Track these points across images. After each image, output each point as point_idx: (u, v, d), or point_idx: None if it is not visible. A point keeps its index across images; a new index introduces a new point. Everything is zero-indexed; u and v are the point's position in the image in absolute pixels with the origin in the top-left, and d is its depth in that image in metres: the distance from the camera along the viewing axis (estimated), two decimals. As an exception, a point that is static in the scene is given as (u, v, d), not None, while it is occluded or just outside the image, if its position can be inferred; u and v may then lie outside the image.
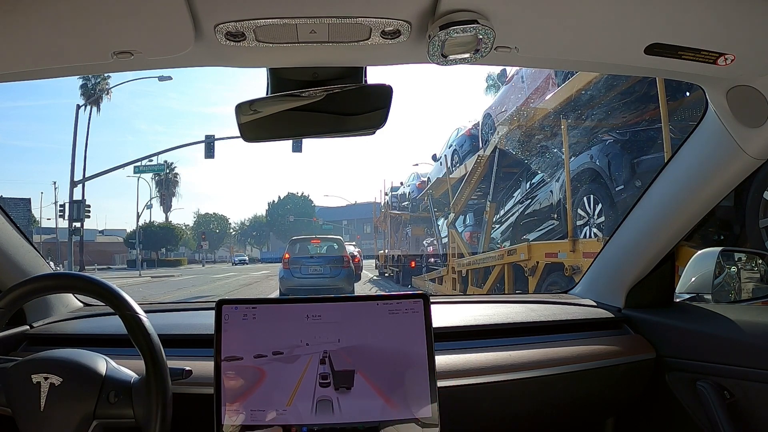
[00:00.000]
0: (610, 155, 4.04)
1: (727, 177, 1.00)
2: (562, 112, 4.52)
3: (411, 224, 11.91)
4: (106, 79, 27.07)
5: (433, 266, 8.97)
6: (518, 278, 4.91)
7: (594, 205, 4.16)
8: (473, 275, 6.22)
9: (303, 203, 47.35)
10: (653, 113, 3.67)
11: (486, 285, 5.56)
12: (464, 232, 7.83)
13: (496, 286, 5.38)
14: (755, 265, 1.43)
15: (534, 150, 5.39)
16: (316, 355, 0.91)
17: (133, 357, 0.82)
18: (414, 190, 11.63)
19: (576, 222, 4.30)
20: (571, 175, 4.36)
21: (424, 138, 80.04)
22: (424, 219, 10.67)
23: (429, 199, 9.56)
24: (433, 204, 9.34)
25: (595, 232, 4.09)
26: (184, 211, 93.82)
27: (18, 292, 0.81)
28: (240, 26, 0.65)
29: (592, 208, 4.19)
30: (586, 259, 3.77)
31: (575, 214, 4.30)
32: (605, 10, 0.67)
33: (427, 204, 9.78)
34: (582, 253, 3.90)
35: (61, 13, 0.62)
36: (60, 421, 0.77)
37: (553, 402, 1.10)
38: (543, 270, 4.43)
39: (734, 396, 1.00)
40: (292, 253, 9.30)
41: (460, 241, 7.31)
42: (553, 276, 4.35)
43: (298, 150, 14.83)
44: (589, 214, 4.23)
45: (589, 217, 4.21)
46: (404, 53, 0.75)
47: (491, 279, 5.43)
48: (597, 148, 4.27)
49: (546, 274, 4.42)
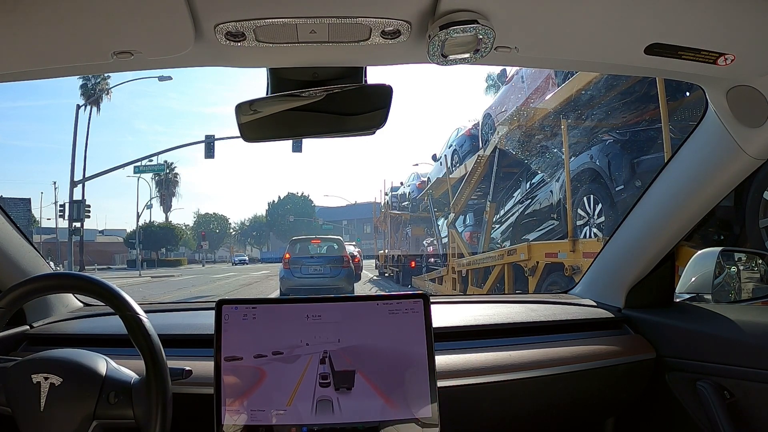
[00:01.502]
0: (610, 155, 4.06)
1: (727, 177, 1.00)
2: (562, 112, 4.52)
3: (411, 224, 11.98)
4: (106, 79, 27.08)
5: (433, 266, 9.01)
6: (518, 278, 4.92)
7: (594, 205, 4.18)
8: (473, 275, 6.25)
9: (303, 203, 47.35)
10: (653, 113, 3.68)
11: (486, 285, 5.58)
12: (464, 232, 7.86)
13: (496, 286, 5.38)
14: (755, 265, 1.43)
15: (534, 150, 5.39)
16: (316, 355, 0.91)
17: (133, 357, 0.81)
18: (414, 190, 11.68)
19: (576, 222, 4.31)
20: (571, 175, 4.37)
21: (424, 138, 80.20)
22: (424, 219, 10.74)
23: (429, 199, 9.59)
24: (433, 204, 9.37)
25: (595, 232, 4.10)
26: (184, 211, 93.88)
27: (18, 292, 0.81)
28: (240, 26, 0.65)
29: (592, 208, 4.21)
30: (586, 259, 3.77)
31: (575, 214, 4.31)
32: (605, 10, 0.67)
33: (427, 204, 9.81)
34: (582, 253, 3.91)
35: (61, 13, 0.62)
36: (60, 421, 0.77)
37: (553, 402, 1.10)
38: (543, 270, 4.45)
39: (734, 396, 1.00)
40: (292, 253, 9.33)
41: (460, 241, 7.34)
42: (553, 276, 4.37)
43: (298, 150, 14.85)
44: (589, 214, 4.25)
45: (589, 217, 4.22)
46: (404, 53, 0.75)
47: (491, 279, 5.45)
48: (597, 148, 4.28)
49: (546, 274, 4.44)
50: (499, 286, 5.29)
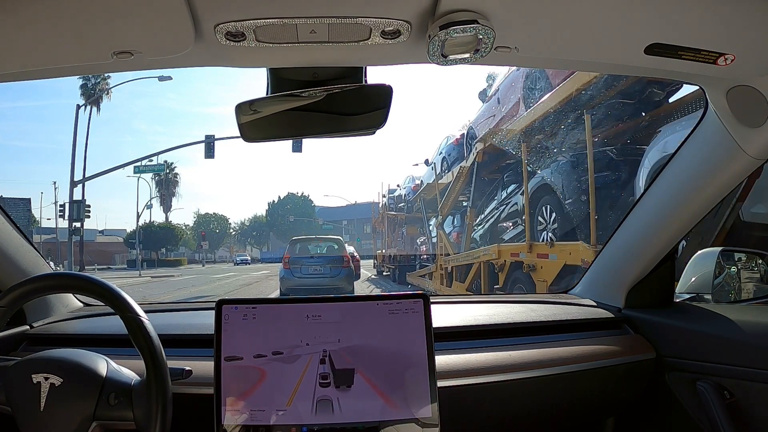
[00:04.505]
0: (563, 173, 4.90)
1: (727, 177, 1.00)
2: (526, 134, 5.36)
3: (406, 224, 12.44)
4: (106, 79, 27.04)
5: (425, 263, 9.73)
6: (491, 274, 5.77)
7: (550, 214, 4.97)
8: (457, 271, 7.04)
9: (303, 203, 47.35)
10: (602, 136, 4.51)
11: (467, 280, 6.43)
12: (452, 233, 8.42)
13: (475, 281, 6.18)
14: (755, 265, 1.43)
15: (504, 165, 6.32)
16: (316, 355, 0.91)
17: (133, 357, 0.81)
18: (409, 192, 12.14)
19: (537, 227, 5.10)
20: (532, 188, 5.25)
21: (424, 138, 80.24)
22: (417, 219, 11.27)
23: (421, 201, 10.26)
24: (425, 206, 10.05)
25: (550, 236, 4.85)
26: (184, 211, 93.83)
27: (18, 292, 0.81)
28: (240, 26, 0.65)
29: (548, 216, 4.99)
30: (539, 258, 4.74)
31: (536, 221, 5.13)
32: (605, 10, 0.67)
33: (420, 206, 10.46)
34: (537, 254, 4.80)
35: (61, 13, 0.62)
36: (60, 421, 0.77)
37: (553, 402, 1.10)
38: (509, 267, 5.34)
39: (734, 396, 1.00)
40: (292, 253, 9.35)
41: (446, 241, 8.03)
42: (516, 272, 5.22)
43: (298, 150, 14.86)
44: (546, 221, 5.01)
45: (547, 223, 4.99)
46: (404, 53, 0.75)
47: (470, 274, 6.31)
48: (553, 166, 5.13)
49: (512, 270, 5.32)
50: (478, 280, 6.08)
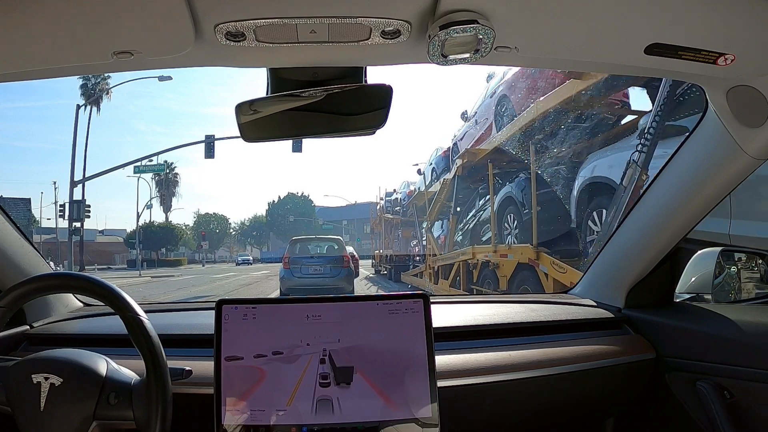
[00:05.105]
0: (521, 188, 5.89)
1: (727, 177, 1.00)
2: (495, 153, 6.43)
3: (402, 227, 13.17)
4: (106, 79, 27.03)
5: (417, 263, 10.68)
6: (468, 272, 6.75)
7: (513, 221, 6.06)
8: (442, 270, 7.94)
9: (303, 203, 47.38)
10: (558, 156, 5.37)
11: (449, 277, 7.45)
12: (440, 236, 9.25)
13: (456, 278, 7.18)
14: (755, 265, 1.42)
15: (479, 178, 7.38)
16: (316, 355, 0.91)
17: (133, 357, 0.81)
18: (405, 197, 12.97)
19: (504, 232, 6.20)
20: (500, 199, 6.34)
21: (424, 138, 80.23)
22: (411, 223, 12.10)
23: (413, 207, 11.26)
24: (417, 212, 11.04)
25: (513, 240, 5.94)
26: (184, 211, 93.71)
27: (18, 292, 0.81)
28: (240, 26, 0.65)
29: (511, 223, 6.09)
30: (501, 258, 5.66)
31: (503, 226, 6.25)
32: (605, 10, 0.67)
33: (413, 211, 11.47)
34: (499, 254, 5.74)
35: (61, 13, 0.62)
36: (60, 421, 0.77)
37: (553, 402, 1.10)
38: (481, 266, 6.33)
39: (734, 396, 1.00)
40: (292, 253, 9.37)
41: (434, 243, 9.06)
42: (485, 270, 6.18)
43: (298, 150, 14.89)
44: (510, 227, 6.11)
45: (510, 229, 6.10)
46: (404, 53, 0.75)
47: (452, 272, 7.34)
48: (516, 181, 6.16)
49: (482, 268, 6.30)
50: (458, 277, 7.08)
